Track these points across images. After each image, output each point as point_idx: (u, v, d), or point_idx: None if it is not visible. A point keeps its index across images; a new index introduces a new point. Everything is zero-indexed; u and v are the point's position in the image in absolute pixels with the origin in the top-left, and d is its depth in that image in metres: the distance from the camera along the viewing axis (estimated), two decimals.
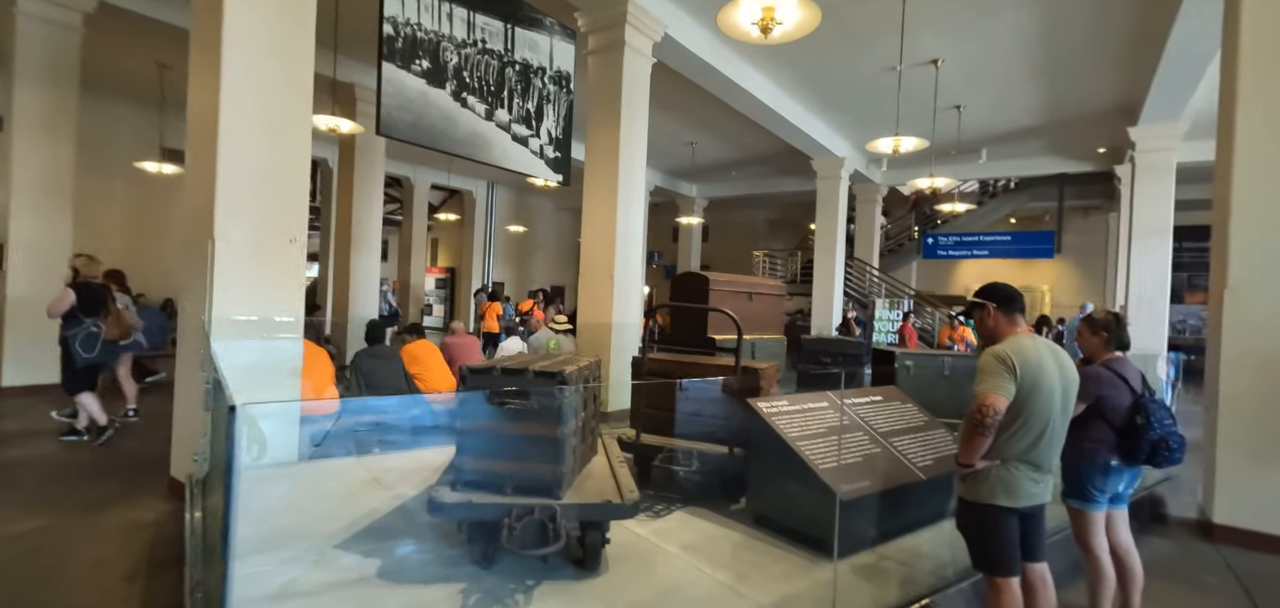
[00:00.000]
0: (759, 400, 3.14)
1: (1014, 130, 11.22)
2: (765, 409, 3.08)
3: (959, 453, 2.21)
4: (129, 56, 9.04)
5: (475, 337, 6.33)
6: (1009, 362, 2.12)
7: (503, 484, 2.34)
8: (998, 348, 2.19)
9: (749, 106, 9.69)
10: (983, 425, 2.08)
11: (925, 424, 3.61)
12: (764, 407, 3.10)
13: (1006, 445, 2.17)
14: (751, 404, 3.08)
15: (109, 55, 8.94)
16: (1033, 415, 2.14)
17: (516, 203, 20.09)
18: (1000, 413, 2.09)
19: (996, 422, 2.09)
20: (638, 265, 7.03)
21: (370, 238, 10.20)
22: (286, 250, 3.93)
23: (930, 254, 14.83)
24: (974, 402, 2.12)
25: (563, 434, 2.33)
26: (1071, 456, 2.47)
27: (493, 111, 5.53)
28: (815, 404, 3.31)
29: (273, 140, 3.83)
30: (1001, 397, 2.09)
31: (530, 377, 2.34)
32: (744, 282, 4.23)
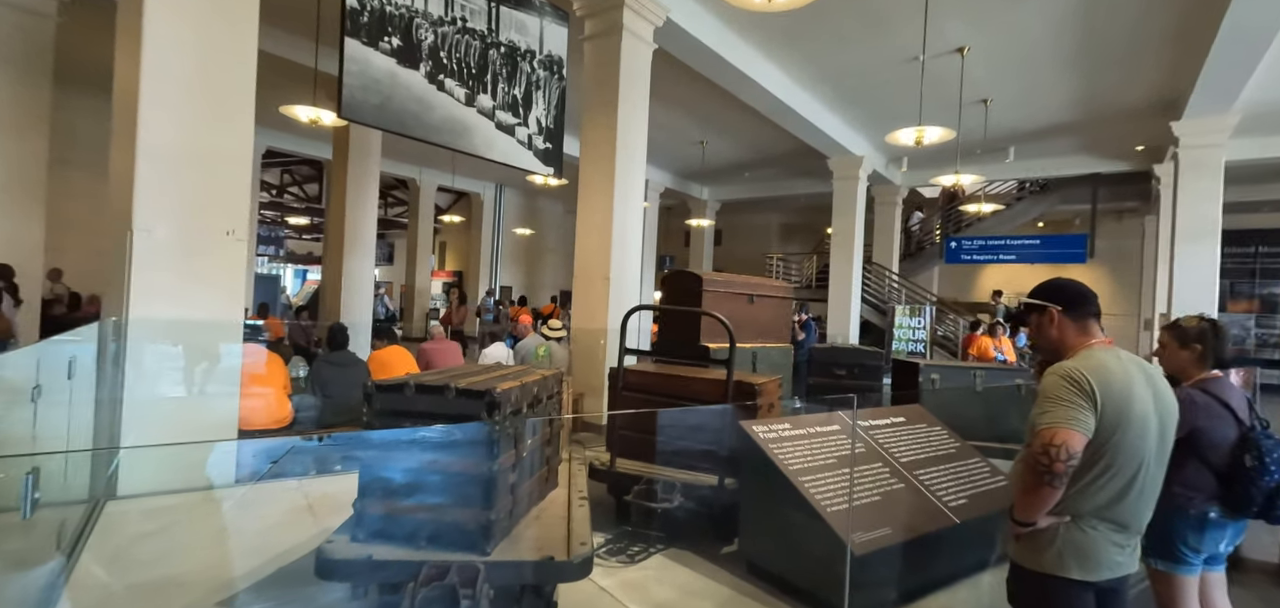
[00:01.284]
0: (755, 422, 2.59)
1: (1044, 127, 10.53)
2: (762, 433, 2.54)
3: (1015, 506, 1.65)
4: (105, 47, 8.69)
5: (456, 342, 5.85)
6: (1085, 385, 1.56)
7: (416, 534, 1.83)
8: (1067, 366, 1.62)
9: (760, 101, 9.14)
10: (1050, 473, 1.52)
11: (958, 451, 3.03)
12: (760, 430, 2.55)
13: (1081, 498, 1.60)
14: (745, 427, 2.53)
15: (84, 46, 8.62)
16: (1119, 459, 1.58)
17: (525, 206, 19.71)
18: (1076, 456, 1.52)
19: (1070, 469, 1.53)
20: (635, 268, 6.50)
21: (364, 239, 9.82)
22: (223, 244, 3.47)
23: (953, 258, 14.11)
24: (1037, 440, 1.56)
25: (492, 471, 1.81)
26: (1157, 504, 1.89)
27: (474, 97, 5.05)
28: (823, 428, 2.76)
29: (207, 120, 3.39)
30: (1077, 433, 1.52)
31: (451, 396, 1.83)
32: (743, 282, 3.69)
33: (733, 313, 3.60)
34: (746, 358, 3.60)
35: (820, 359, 4.23)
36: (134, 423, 3.12)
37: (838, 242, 12.43)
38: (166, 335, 3.28)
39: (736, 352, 3.22)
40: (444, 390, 1.85)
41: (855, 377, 4.18)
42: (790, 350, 3.97)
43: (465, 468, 1.82)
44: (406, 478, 1.84)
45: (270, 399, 4.13)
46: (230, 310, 3.51)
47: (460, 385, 1.85)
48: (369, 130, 9.64)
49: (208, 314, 3.40)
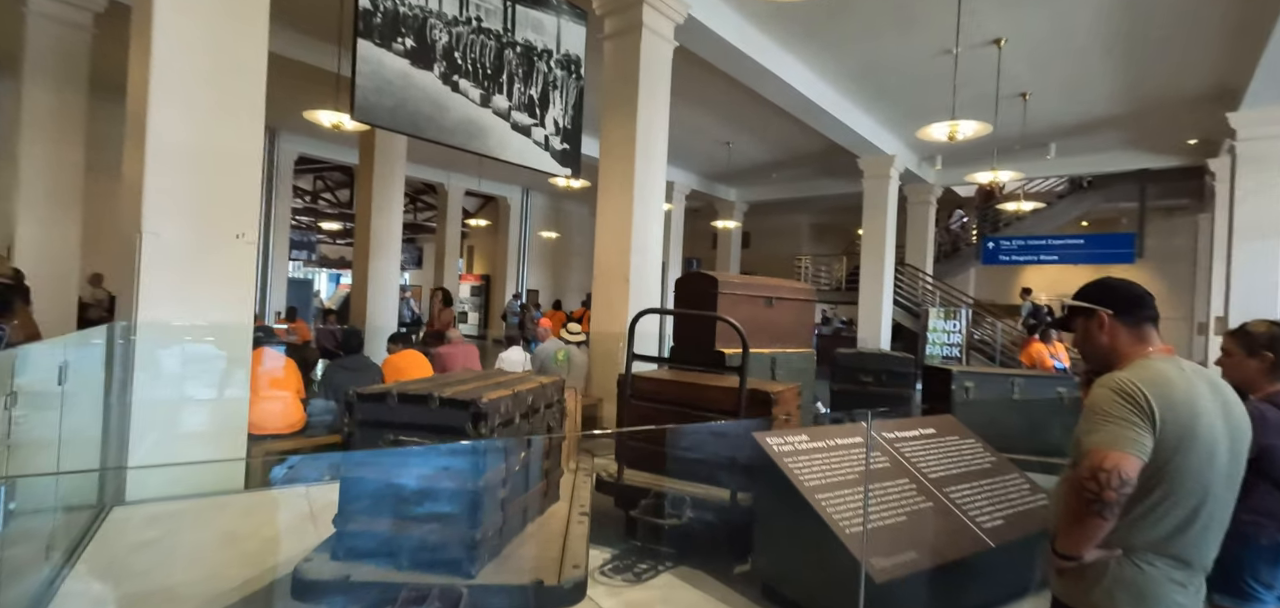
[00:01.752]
0: (769, 434, 2.42)
1: (1088, 121, 10.04)
2: (776, 445, 2.37)
3: (1058, 538, 1.46)
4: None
5: (473, 345, 5.79)
6: (1141, 400, 1.36)
7: (398, 554, 1.72)
8: (1120, 377, 1.42)
9: (787, 99, 8.91)
10: (1099, 501, 1.32)
11: (994, 466, 2.81)
12: (774, 442, 2.38)
13: (1136, 530, 1.40)
14: (758, 439, 2.36)
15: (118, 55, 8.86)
16: (1182, 485, 1.37)
17: (552, 209, 19.75)
18: (1130, 482, 1.32)
19: (1123, 497, 1.33)
20: (656, 270, 6.36)
21: (389, 243, 9.88)
22: (232, 247, 3.45)
23: (991, 259, 13.61)
24: (1084, 463, 1.36)
25: (478, 487, 1.69)
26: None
27: (489, 97, 4.98)
28: (844, 439, 2.57)
29: (216, 122, 3.37)
30: (1132, 456, 1.32)
31: (434, 405, 1.71)
32: (761, 285, 3.51)
33: (750, 317, 3.43)
34: (765, 364, 3.42)
35: (846, 365, 4.01)
36: (143, 428, 3.11)
37: (868, 243, 12.08)
38: (176, 339, 3.26)
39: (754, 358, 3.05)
40: (427, 400, 1.73)
41: (882, 384, 3.95)
42: (813, 356, 3.77)
43: (449, 484, 1.71)
44: (388, 494, 1.72)
45: (285, 404, 4.11)
46: (240, 314, 3.48)
47: (445, 395, 1.74)
48: (394, 135, 9.72)
49: (217, 317, 3.37)
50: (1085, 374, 1.74)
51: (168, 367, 3.22)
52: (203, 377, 3.34)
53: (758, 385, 2.78)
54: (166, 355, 3.23)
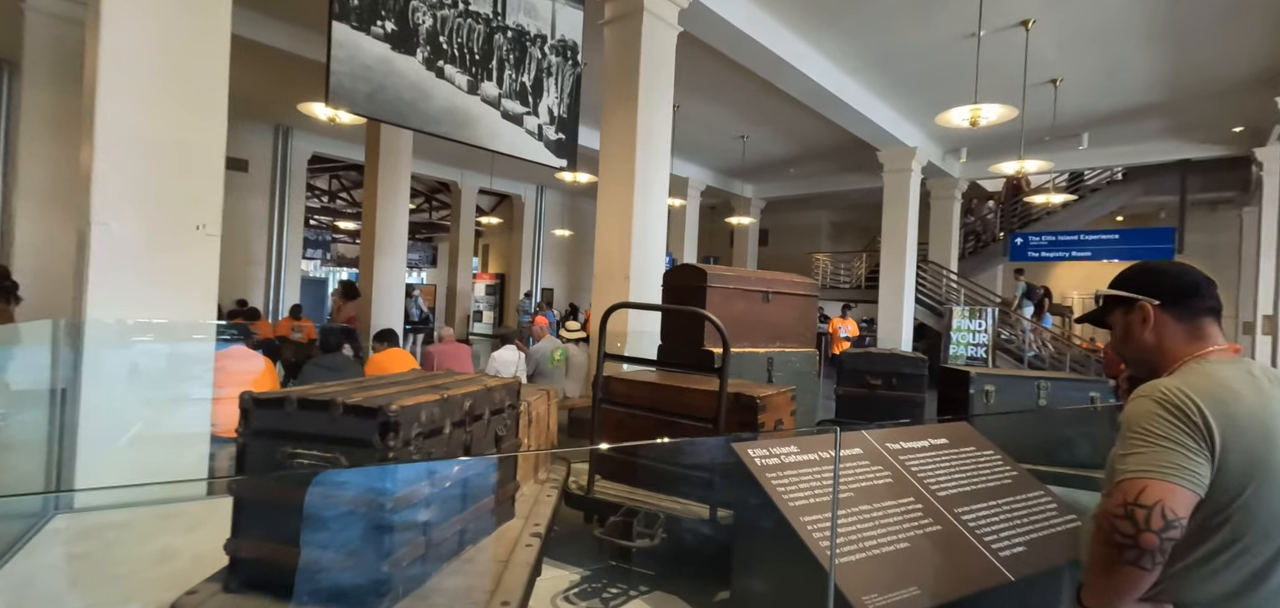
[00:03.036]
0: (752, 444, 2.13)
1: (1124, 109, 9.48)
2: (758, 458, 2.07)
3: (1085, 588, 1.15)
4: None
5: (467, 344, 5.57)
6: (1194, 415, 1.04)
7: (298, 587, 1.47)
8: (1167, 384, 1.10)
9: (803, 90, 8.56)
10: (1136, 546, 1.01)
11: (1015, 482, 2.47)
12: (757, 454, 2.08)
13: (1191, 583, 1.08)
14: (738, 450, 2.07)
15: None
16: (1252, 528, 1.05)
17: (566, 207, 19.57)
18: (1177, 522, 1.01)
19: (1169, 542, 1.01)
20: (658, 266, 6.08)
21: (395, 241, 9.76)
22: (192, 240, 3.26)
23: (1019, 256, 13.05)
24: (1117, 495, 1.06)
25: (386, 511, 1.43)
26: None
27: (477, 84, 4.75)
28: (842, 451, 2.26)
29: (173, 108, 3.18)
30: (1180, 487, 1.01)
31: (338, 413, 1.46)
32: (757, 278, 3.21)
33: (744, 313, 3.13)
34: (760, 365, 3.12)
35: (851, 367, 3.68)
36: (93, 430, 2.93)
37: (889, 239, 11.62)
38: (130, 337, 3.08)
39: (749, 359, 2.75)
40: (330, 407, 1.48)
41: (892, 387, 3.61)
42: (815, 356, 3.45)
43: (355, 506, 1.45)
44: (288, 515, 1.47)
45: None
46: (202, 310, 3.29)
47: (351, 401, 1.48)
48: (399, 130, 9.61)
49: (176, 314, 3.18)
50: (1125, 381, 1.42)
51: (118, 365, 3.03)
52: (158, 376, 3.15)
53: (743, 389, 2.48)
54: (118, 353, 3.05)
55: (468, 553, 1.81)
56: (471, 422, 1.83)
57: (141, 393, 3.09)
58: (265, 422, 1.52)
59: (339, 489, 1.47)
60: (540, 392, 2.73)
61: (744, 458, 2.06)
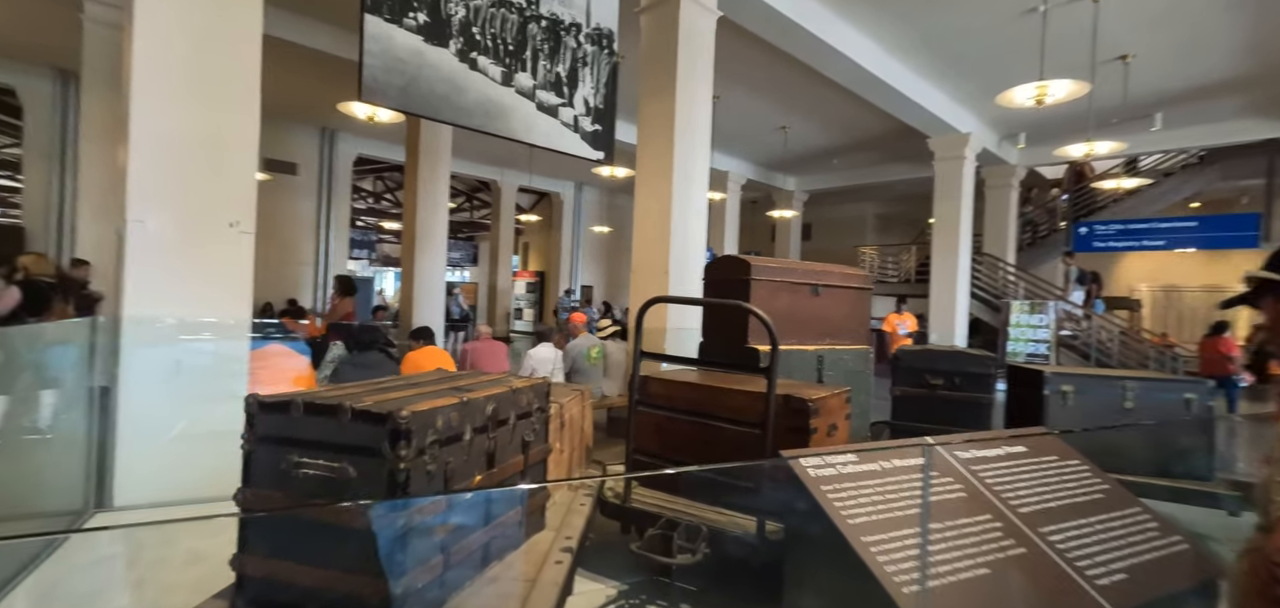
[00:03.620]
0: (805, 454, 1.92)
1: (1203, 85, 8.75)
2: (813, 470, 1.86)
3: None
4: None
5: (504, 342, 5.48)
6: None
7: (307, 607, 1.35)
8: None
9: (848, 75, 8.19)
10: None
11: (1107, 497, 2.18)
12: (811, 465, 1.87)
13: None
14: (790, 460, 1.86)
15: None
16: None
17: (605, 204, 19.48)
18: None
19: None
20: (698, 261, 5.87)
21: (435, 239, 9.82)
22: (227, 238, 3.23)
23: (1084, 247, 12.28)
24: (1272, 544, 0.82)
25: (396, 527, 1.28)
26: None
27: (512, 75, 4.64)
28: (904, 461, 2.03)
29: (206, 103, 3.15)
30: None
31: (346, 419, 1.32)
32: (806, 270, 2.97)
33: (792, 308, 2.91)
34: (810, 364, 2.89)
35: (911, 366, 3.39)
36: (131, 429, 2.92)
37: (940, 230, 11.08)
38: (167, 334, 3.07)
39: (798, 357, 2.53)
40: (338, 413, 1.34)
41: (955, 388, 3.31)
42: (868, 354, 3.19)
43: (365, 523, 1.31)
44: (295, 531, 1.35)
45: None
46: (236, 308, 3.26)
47: (360, 406, 1.34)
48: (439, 129, 9.66)
49: (211, 312, 3.16)
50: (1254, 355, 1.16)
51: (156, 363, 3.02)
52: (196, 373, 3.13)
53: (793, 390, 2.26)
54: (156, 351, 3.04)
55: (492, 571, 1.66)
56: (495, 427, 1.67)
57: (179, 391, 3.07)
58: (271, 428, 1.40)
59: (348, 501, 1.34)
60: (574, 392, 2.57)
61: (796, 469, 1.86)
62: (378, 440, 1.31)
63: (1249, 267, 5.21)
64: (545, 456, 1.98)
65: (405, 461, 1.31)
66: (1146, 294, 16.52)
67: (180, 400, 3.04)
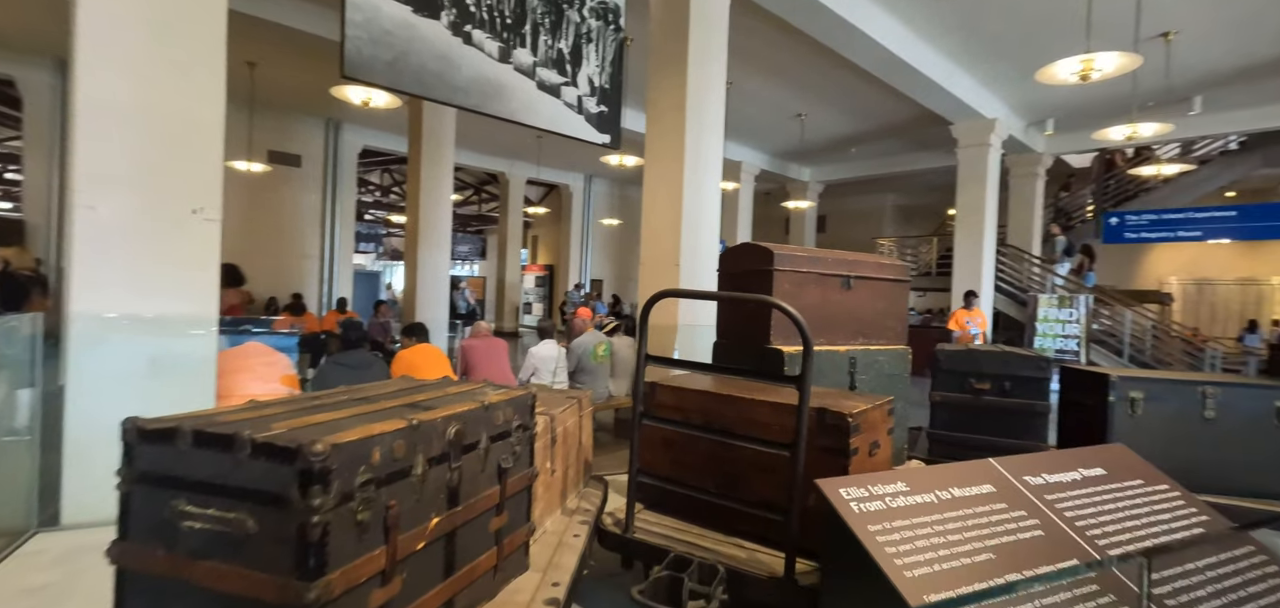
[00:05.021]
0: (846, 483, 1.56)
1: (1250, 65, 8.23)
2: (856, 503, 1.50)
3: None
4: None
5: (504, 339, 5.15)
6: None
7: None
8: None
9: (872, 59, 7.77)
10: None
11: (1208, 530, 1.80)
12: (854, 498, 1.51)
13: None
14: (826, 491, 1.51)
15: None
16: None
17: (614, 196, 19.13)
18: None
19: None
20: (711, 253, 5.51)
21: (439, 231, 9.54)
22: (190, 226, 2.91)
23: (1114, 238, 11.76)
24: None
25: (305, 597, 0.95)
26: None
27: (510, 51, 4.29)
28: (964, 490, 1.66)
29: (162, 78, 2.83)
30: None
31: (244, 454, 0.98)
32: (836, 260, 2.60)
33: (820, 303, 2.54)
34: (841, 367, 2.52)
35: (951, 368, 3.00)
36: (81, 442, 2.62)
37: (964, 219, 10.62)
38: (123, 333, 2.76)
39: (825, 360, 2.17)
40: (234, 444, 1.00)
41: (1005, 393, 2.92)
42: (907, 355, 2.81)
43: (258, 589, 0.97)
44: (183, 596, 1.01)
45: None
46: (201, 303, 2.95)
47: (263, 436, 1.00)
48: (442, 119, 9.36)
49: (172, 307, 2.85)
50: None
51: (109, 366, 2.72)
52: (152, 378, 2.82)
53: (827, 402, 1.90)
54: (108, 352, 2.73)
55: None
56: (460, 454, 1.33)
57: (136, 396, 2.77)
58: (153, 462, 1.07)
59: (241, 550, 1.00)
60: (570, 400, 2.22)
61: (836, 503, 1.50)
62: (284, 484, 0.97)
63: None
64: (529, 482, 1.63)
65: (321, 510, 0.97)
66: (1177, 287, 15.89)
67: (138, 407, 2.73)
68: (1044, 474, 1.85)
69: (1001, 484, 1.74)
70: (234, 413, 1.17)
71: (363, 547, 1.07)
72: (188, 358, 2.92)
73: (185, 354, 2.91)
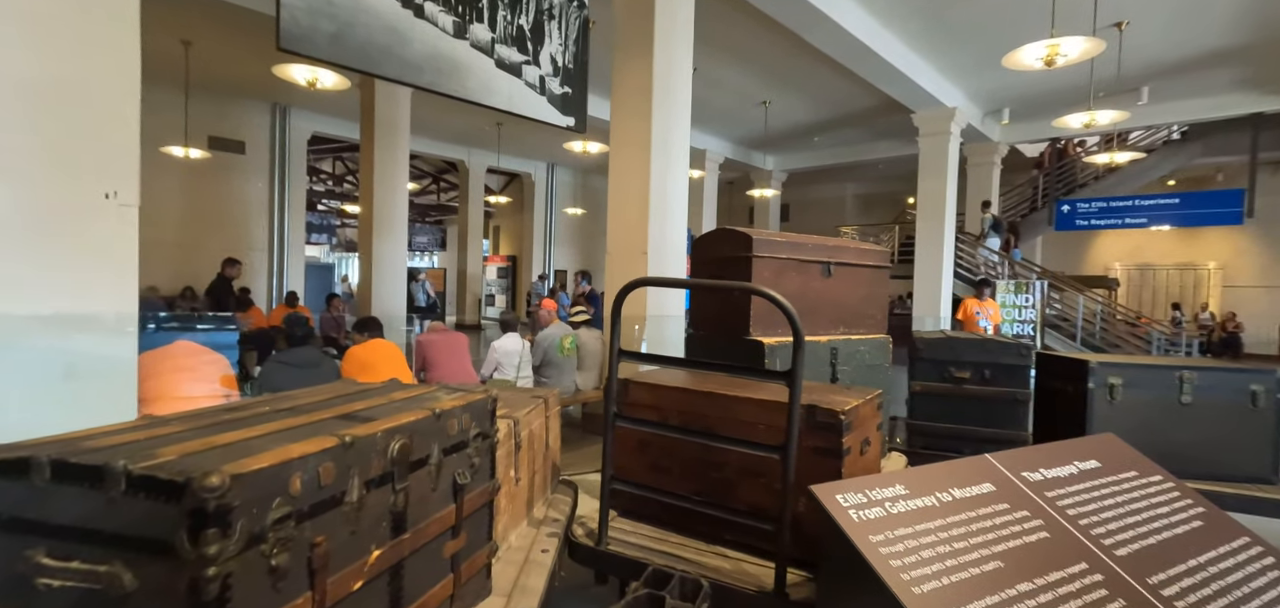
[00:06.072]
0: (841, 487, 1.42)
1: (1195, 55, 8.49)
2: (854, 510, 1.36)
3: None
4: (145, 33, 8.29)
5: (461, 333, 4.90)
6: None
7: None
8: None
9: (833, 44, 7.71)
10: None
11: (1205, 524, 1.73)
12: (851, 504, 1.37)
13: None
14: (820, 498, 1.36)
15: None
16: None
17: (578, 185, 18.84)
18: None
19: None
20: (680, 240, 5.36)
21: (395, 221, 9.13)
22: (103, 212, 2.60)
23: (1065, 225, 12.10)
24: None
25: None
26: None
27: (466, 26, 4.03)
28: (964, 491, 1.54)
29: (66, 47, 2.50)
30: None
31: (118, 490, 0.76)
32: (817, 245, 2.47)
33: (801, 291, 2.41)
34: (822, 358, 2.40)
35: (930, 356, 2.92)
36: None
37: (925, 207, 10.75)
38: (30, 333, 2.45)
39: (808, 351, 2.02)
40: (105, 478, 0.79)
41: (985, 381, 2.86)
42: (887, 344, 2.71)
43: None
44: None
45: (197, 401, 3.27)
46: (118, 298, 2.64)
47: (142, 468, 0.79)
48: (396, 103, 8.93)
49: (84, 304, 2.54)
50: None
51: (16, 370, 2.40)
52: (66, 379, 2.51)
53: (816, 398, 1.76)
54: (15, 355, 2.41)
55: None
56: (406, 473, 1.13)
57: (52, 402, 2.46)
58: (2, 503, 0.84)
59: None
60: (535, 400, 2.03)
61: (833, 511, 1.35)
62: (169, 527, 0.76)
63: (1225, 243, 4.76)
64: (490, 497, 1.44)
65: (219, 559, 0.76)
66: (1121, 272, 16.55)
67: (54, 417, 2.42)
68: (1042, 470, 1.75)
69: (1001, 482, 1.63)
70: (115, 433, 0.95)
71: (280, 597, 0.87)
72: (106, 361, 2.61)
73: (103, 357, 2.61)
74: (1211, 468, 2.60)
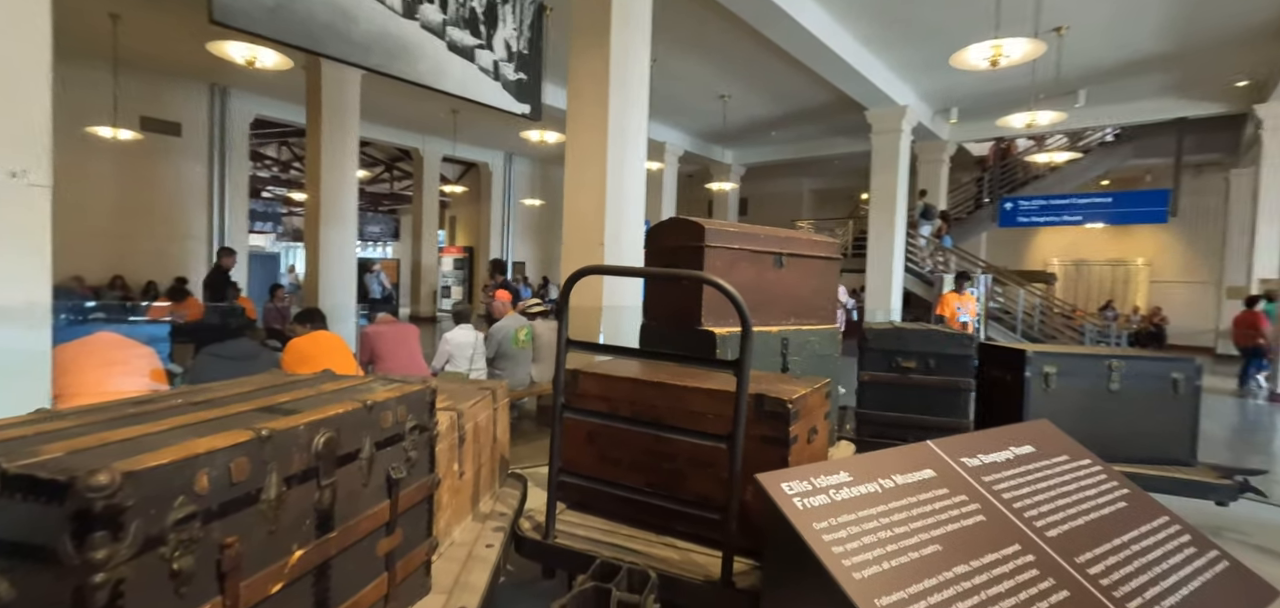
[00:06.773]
0: (787, 475, 1.42)
1: (1129, 60, 8.93)
2: (798, 498, 1.37)
3: None
4: (65, 3, 7.72)
5: (412, 325, 4.76)
6: None
7: None
8: None
9: (790, 39, 7.80)
10: None
11: (1130, 506, 1.81)
12: (796, 492, 1.38)
13: None
14: (765, 487, 1.36)
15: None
16: None
17: (537, 175, 18.59)
18: None
19: None
20: (637, 232, 5.33)
21: (343, 209, 8.81)
22: (8, 193, 2.40)
23: (1008, 222, 12.60)
24: None
25: None
26: None
27: (416, 6, 3.89)
28: (906, 477, 1.57)
29: None
30: None
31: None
32: (769, 236, 2.49)
33: (753, 281, 2.41)
34: (773, 349, 2.41)
35: (878, 347, 2.99)
36: None
37: (877, 203, 11.02)
38: None
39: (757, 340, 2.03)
40: None
41: (929, 371, 2.94)
42: (836, 335, 2.75)
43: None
44: None
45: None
46: (28, 286, 2.45)
47: (17, 467, 0.71)
48: (344, 86, 8.61)
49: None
50: None
51: None
52: None
53: (765, 387, 1.76)
54: None
55: None
56: (333, 468, 1.07)
57: None
58: None
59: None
60: (482, 392, 1.98)
61: (778, 499, 1.35)
62: (51, 531, 0.69)
63: (1152, 241, 5.03)
64: (429, 491, 1.39)
65: (108, 565, 0.70)
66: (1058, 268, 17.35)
67: None
68: (980, 455, 1.80)
69: (941, 468, 1.67)
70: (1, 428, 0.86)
71: (184, 603, 0.80)
72: (14, 354, 2.42)
73: (11, 350, 2.42)
74: (1137, 451, 2.73)
